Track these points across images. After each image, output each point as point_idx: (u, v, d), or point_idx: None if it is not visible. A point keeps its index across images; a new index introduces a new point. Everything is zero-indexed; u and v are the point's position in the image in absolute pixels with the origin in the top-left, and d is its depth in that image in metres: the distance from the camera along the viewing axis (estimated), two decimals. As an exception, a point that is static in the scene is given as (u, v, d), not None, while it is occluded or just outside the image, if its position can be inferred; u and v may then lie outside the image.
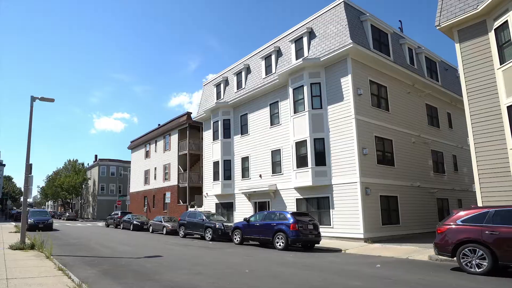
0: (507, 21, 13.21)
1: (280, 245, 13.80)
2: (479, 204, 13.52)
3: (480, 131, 13.88)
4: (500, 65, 13.45)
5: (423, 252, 12.25)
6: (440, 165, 23.80)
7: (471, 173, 27.06)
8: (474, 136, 14.03)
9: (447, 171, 24.32)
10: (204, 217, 19.59)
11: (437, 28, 15.43)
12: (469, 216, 8.32)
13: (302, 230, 13.59)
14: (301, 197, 19.50)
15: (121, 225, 30.88)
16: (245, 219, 16.27)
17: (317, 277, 7.89)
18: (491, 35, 13.94)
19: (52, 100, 14.05)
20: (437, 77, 24.49)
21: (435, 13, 15.69)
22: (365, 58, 18.52)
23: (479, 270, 7.94)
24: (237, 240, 16.35)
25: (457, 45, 15.03)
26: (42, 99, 13.88)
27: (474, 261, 8.04)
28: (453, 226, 8.43)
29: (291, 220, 13.70)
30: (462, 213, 8.56)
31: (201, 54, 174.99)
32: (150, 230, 26.45)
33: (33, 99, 13.69)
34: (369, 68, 19.08)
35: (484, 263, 7.89)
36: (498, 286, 7.11)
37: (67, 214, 55.49)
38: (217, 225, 18.35)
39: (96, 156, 68.79)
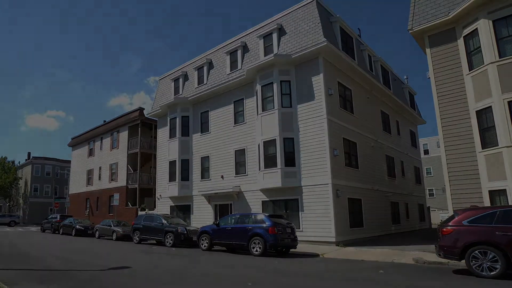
0: (476, 29, 13.63)
1: (256, 250, 12.66)
2: (449, 206, 13.79)
3: (450, 135, 14.16)
4: (469, 71, 13.85)
5: (403, 255, 12.06)
6: (392, 170, 24.59)
7: (413, 178, 28.75)
8: (444, 139, 14.29)
9: (397, 176, 25.22)
10: (163, 221, 17.91)
11: (410, 32, 15.64)
12: (476, 216, 8.01)
13: (281, 234, 12.61)
14: (268, 199, 18.71)
15: (61, 230, 27.72)
16: (214, 223, 14.97)
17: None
18: (460, 42, 14.35)
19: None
20: (389, 86, 25.37)
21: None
22: (335, 58, 18.33)
23: (492, 273, 7.62)
24: (204, 246, 14.93)
25: (428, 50, 15.33)
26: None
27: (485, 264, 7.74)
28: (460, 227, 8.08)
29: (269, 223, 12.63)
30: (468, 213, 8.23)
31: (144, 56, 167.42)
32: (97, 235, 23.96)
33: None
34: (337, 69, 18.96)
35: (497, 266, 7.59)
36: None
37: (-7, 218, 48.92)
38: (179, 230, 16.76)
39: (29, 154, 61.60)
